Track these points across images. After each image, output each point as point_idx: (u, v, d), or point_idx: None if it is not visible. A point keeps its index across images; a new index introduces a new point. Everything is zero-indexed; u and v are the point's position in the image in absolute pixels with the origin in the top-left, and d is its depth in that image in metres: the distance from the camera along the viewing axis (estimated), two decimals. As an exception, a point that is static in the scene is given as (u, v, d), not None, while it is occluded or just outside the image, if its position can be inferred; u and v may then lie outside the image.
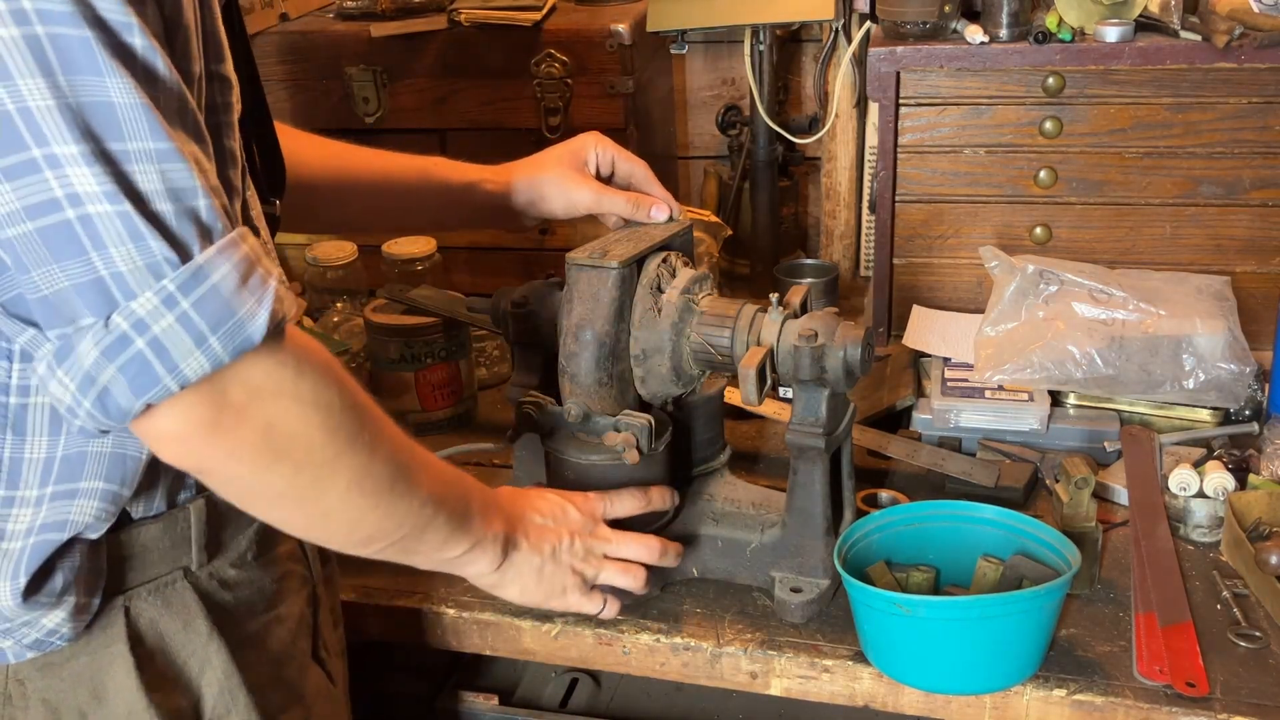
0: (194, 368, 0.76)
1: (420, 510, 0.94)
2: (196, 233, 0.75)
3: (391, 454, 0.90)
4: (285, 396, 0.81)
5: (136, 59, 0.73)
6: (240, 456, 0.81)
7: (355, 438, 0.86)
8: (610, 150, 1.31)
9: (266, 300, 0.78)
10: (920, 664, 1.10)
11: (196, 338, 0.75)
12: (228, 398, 0.78)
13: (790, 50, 2.09)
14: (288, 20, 2.01)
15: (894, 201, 1.68)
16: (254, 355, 0.78)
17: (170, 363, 0.75)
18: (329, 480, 0.86)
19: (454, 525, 0.98)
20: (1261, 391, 1.45)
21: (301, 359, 0.82)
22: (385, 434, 0.90)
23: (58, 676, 0.92)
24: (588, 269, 1.16)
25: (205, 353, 0.76)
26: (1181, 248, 1.64)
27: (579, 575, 1.12)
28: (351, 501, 0.88)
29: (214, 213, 0.76)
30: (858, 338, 1.12)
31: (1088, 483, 1.21)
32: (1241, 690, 1.08)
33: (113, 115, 0.72)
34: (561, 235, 1.99)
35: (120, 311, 0.74)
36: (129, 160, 0.73)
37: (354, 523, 0.91)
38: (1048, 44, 1.56)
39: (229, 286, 0.76)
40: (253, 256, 0.78)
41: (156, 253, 0.74)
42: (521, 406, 1.20)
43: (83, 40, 0.70)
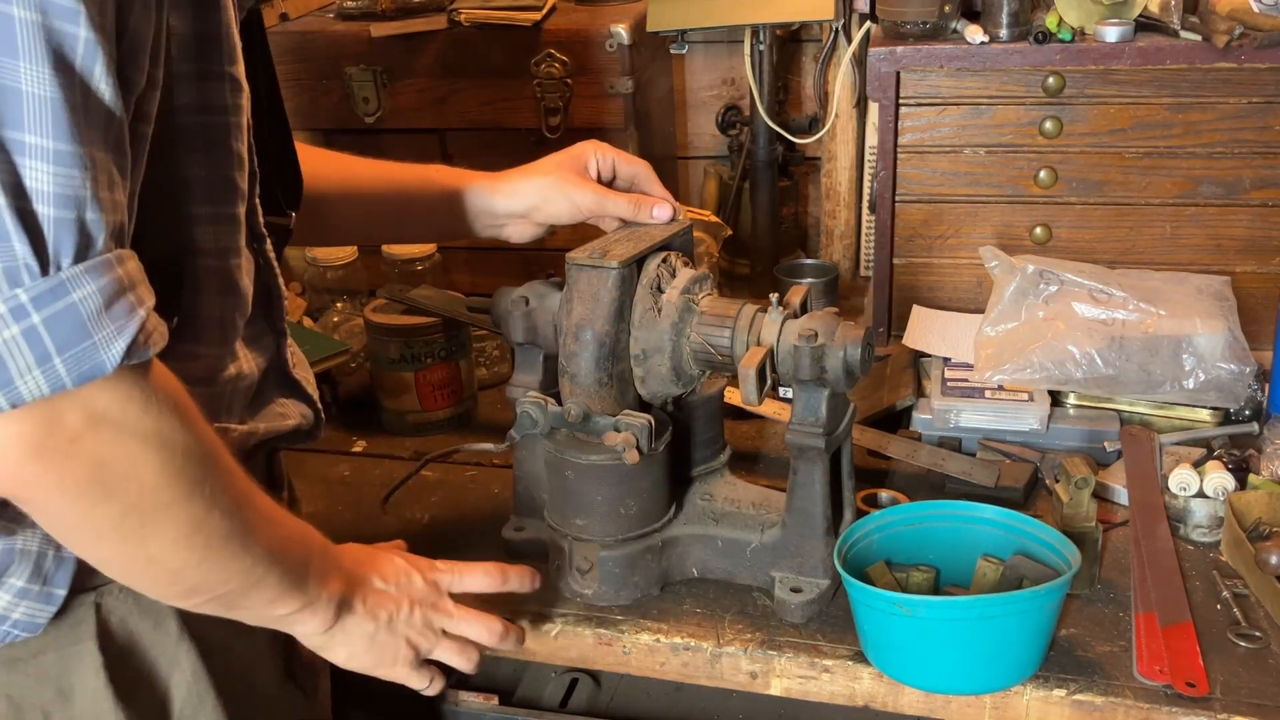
0: (30, 388, 0.71)
1: (251, 568, 0.88)
2: (73, 244, 0.70)
3: (231, 508, 0.85)
4: (127, 432, 0.76)
5: (73, 51, 0.69)
6: (65, 489, 0.76)
7: (195, 487, 0.81)
8: (610, 155, 1.31)
9: (128, 329, 0.73)
10: (920, 664, 1.10)
11: (40, 356, 0.70)
12: (62, 422, 0.73)
13: (790, 50, 2.09)
14: (288, 20, 2.01)
15: (894, 201, 1.68)
16: (102, 383, 0.73)
17: (5, 377, 0.70)
18: (157, 528, 0.81)
19: (286, 585, 0.93)
20: (1261, 391, 1.45)
21: (153, 395, 0.77)
22: (229, 487, 0.85)
23: (22, 672, 0.90)
24: (588, 269, 1.16)
25: (46, 373, 0.71)
26: (1181, 248, 1.64)
27: (412, 648, 1.05)
28: (178, 553, 0.83)
29: (100, 226, 0.71)
30: (858, 338, 1.12)
31: (1088, 483, 1.21)
32: (1241, 690, 1.08)
33: (17, 102, 0.67)
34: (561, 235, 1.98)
35: None
36: (21, 152, 0.68)
37: (176, 573, 0.85)
38: (1048, 44, 1.56)
39: (89, 308, 0.71)
40: (125, 281, 0.73)
41: (19, 256, 0.69)
42: (521, 406, 1.20)
43: (7, 18, 0.66)
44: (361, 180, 1.30)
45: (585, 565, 1.21)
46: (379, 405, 1.60)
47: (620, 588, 1.21)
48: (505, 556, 1.29)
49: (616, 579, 1.21)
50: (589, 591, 1.22)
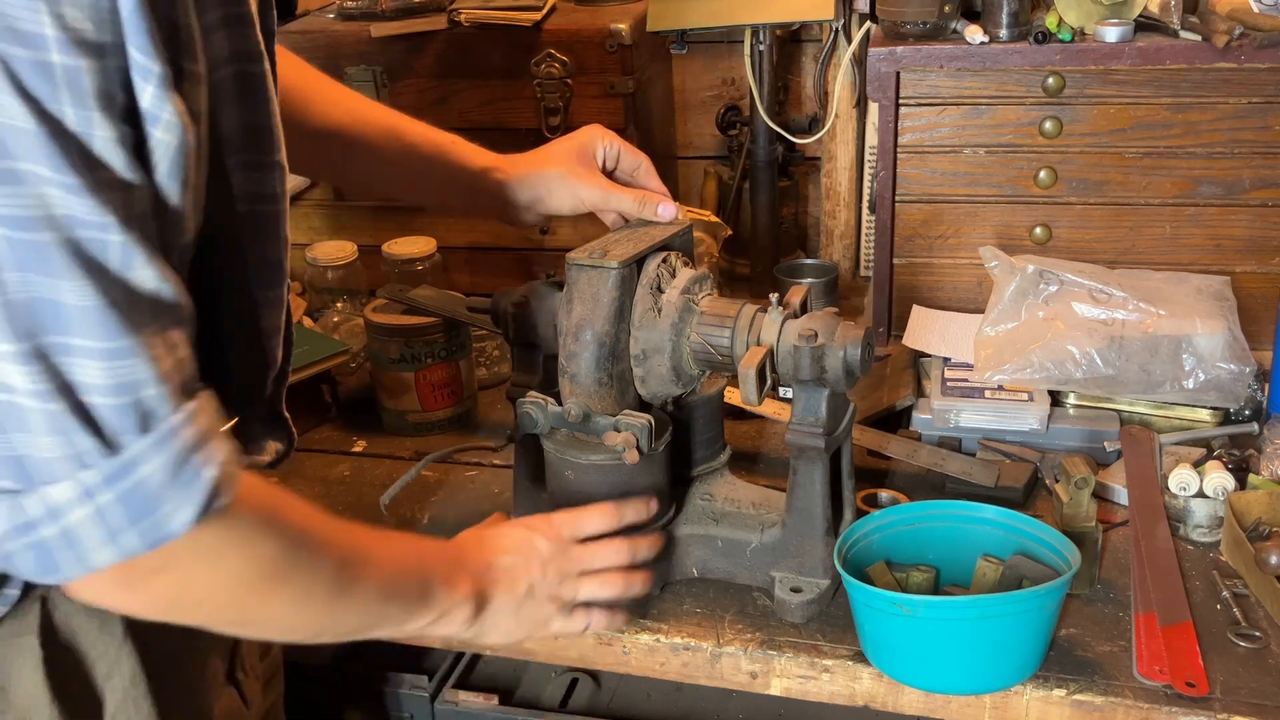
0: (103, 559, 0.74)
1: (368, 608, 0.94)
2: (135, 422, 0.73)
3: (333, 573, 0.89)
4: (201, 563, 0.80)
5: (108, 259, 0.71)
6: (153, 608, 0.83)
7: (287, 576, 0.86)
8: (616, 144, 1.31)
9: (197, 493, 0.76)
10: (920, 664, 1.10)
11: (111, 532, 0.74)
12: (138, 565, 0.77)
13: (790, 50, 2.09)
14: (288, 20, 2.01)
15: (894, 201, 1.68)
16: None
17: (80, 553, 0.74)
18: (258, 613, 0.87)
19: (411, 608, 0.98)
20: (1261, 391, 1.45)
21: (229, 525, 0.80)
22: (326, 555, 0.89)
23: None
24: (588, 269, 1.16)
25: (118, 546, 0.74)
26: (1181, 248, 1.64)
27: (557, 602, 1.09)
28: (289, 620, 0.90)
29: (164, 399, 0.74)
30: (858, 338, 1.12)
31: (1088, 483, 1.21)
32: (1241, 690, 1.08)
33: (60, 315, 0.70)
34: (562, 235, 1.99)
35: (36, 493, 0.73)
36: (70, 354, 0.71)
37: (294, 629, 0.93)
38: (1048, 44, 1.56)
39: (158, 480, 0.74)
40: (195, 441, 0.76)
41: (81, 445, 0.72)
42: (521, 406, 1.20)
43: (37, 244, 0.69)
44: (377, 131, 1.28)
45: (585, 565, 1.21)
46: (379, 405, 1.60)
47: (620, 588, 1.21)
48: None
49: (616, 579, 1.21)
50: (589, 591, 1.22)
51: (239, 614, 0.87)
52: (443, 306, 1.54)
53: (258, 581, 0.84)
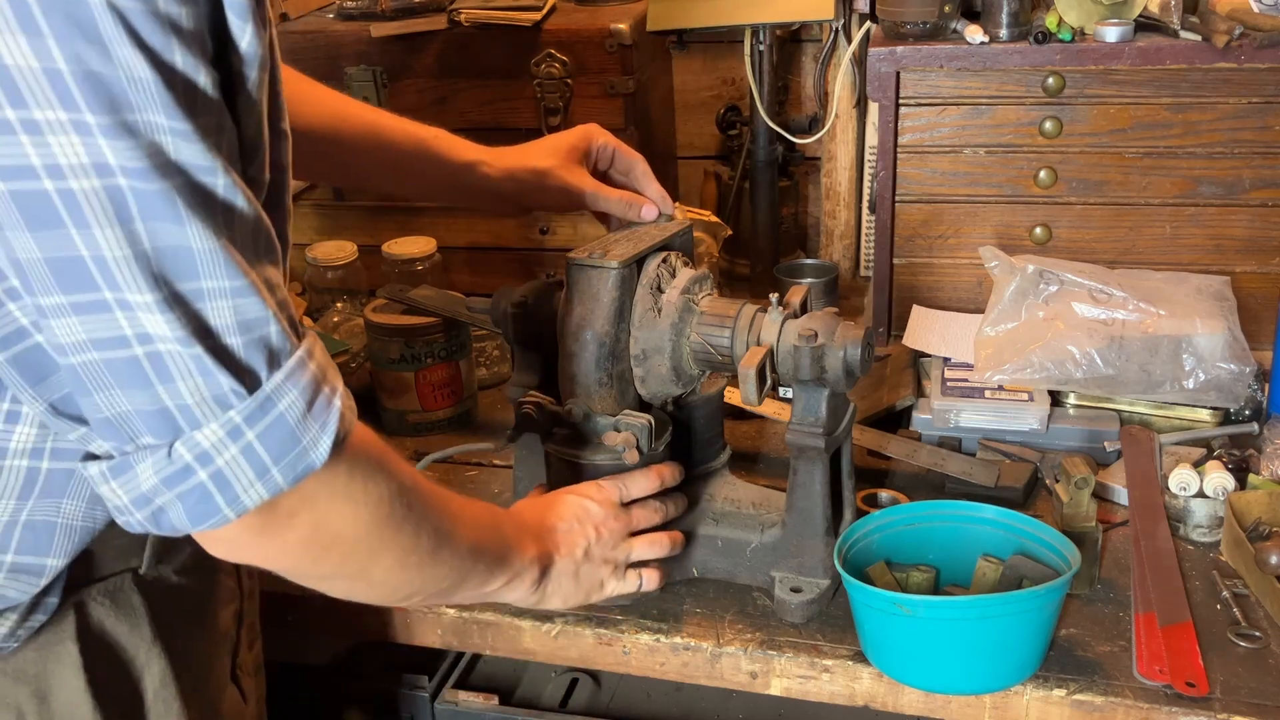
0: (253, 497, 0.77)
1: (459, 566, 0.97)
2: (265, 360, 0.75)
3: (435, 524, 0.92)
4: (337, 499, 0.82)
5: (217, 201, 0.73)
6: (286, 554, 0.84)
7: (401, 523, 0.88)
8: (610, 144, 1.32)
9: (331, 424, 0.78)
10: (920, 664, 1.10)
11: (259, 469, 0.76)
12: (279, 507, 0.79)
13: (790, 50, 2.09)
14: (288, 20, 2.01)
15: (894, 201, 1.68)
16: None
17: (231, 495, 0.76)
18: (374, 562, 0.89)
19: (493, 567, 1.01)
20: (1261, 391, 1.45)
21: (355, 461, 0.83)
22: (429, 506, 0.92)
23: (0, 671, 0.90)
24: (588, 269, 1.16)
25: (266, 483, 0.77)
26: (1181, 248, 1.64)
27: (611, 564, 1.14)
28: (395, 574, 0.91)
29: (283, 336, 0.76)
30: (858, 338, 1.12)
31: (1088, 483, 1.21)
32: (1241, 690, 1.08)
33: (190, 260, 0.72)
34: (561, 235, 1.99)
35: (184, 441, 0.74)
36: (202, 298, 0.73)
37: (396, 588, 0.94)
38: (1048, 44, 1.56)
39: (295, 414, 0.77)
40: (319, 375, 0.79)
41: (224, 386, 0.74)
42: (521, 406, 1.20)
43: (161, 191, 0.70)
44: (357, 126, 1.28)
45: (585, 565, 1.21)
46: (379, 405, 1.59)
47: (620, 588, 1.21)
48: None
49: (616, 579, 1.21)
50: (589, 591, 1.22)
51: (360, 562, 0.88)
52: (443, 306, 1.54)
53: (379, 524, 0.86)
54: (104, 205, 0.69)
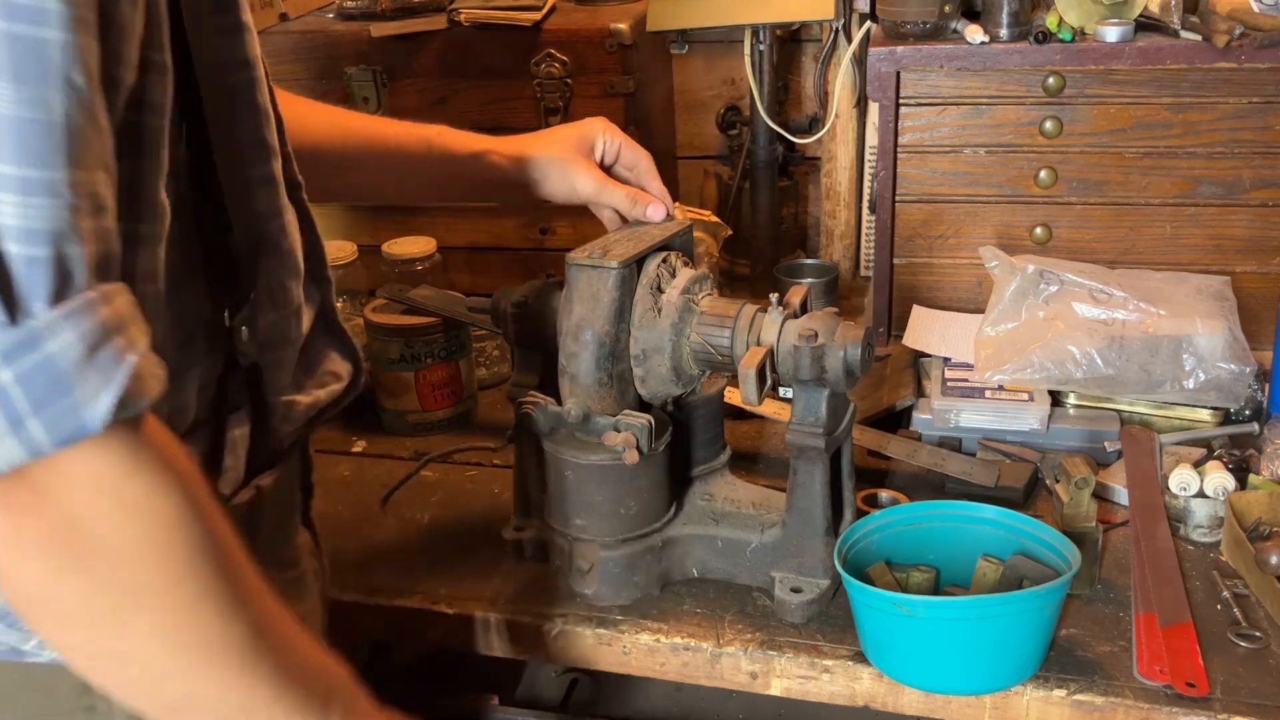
0: (3, 455, 0.61)
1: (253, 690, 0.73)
2: (47, 285, 0.60)
3: (231, 607, 0.71)
4: (106, 494, 0.64)
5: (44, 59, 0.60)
6: (25, 547, 0.64)
7: (184, 570, 0.68)
8: (618, 139, 1.30)
9: (116, 379, 0.62)
10: (920, 664, 1.10)
11: (12, 419, 0.60)
12: (30, 475, 0.62)
13: (790, 50, 2.09)
14: (288, 20, 2.01)
15: (894, 201, 1.68)
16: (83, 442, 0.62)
17: None
18: (134, 613, 0.68)
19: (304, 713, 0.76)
20: (1261, 391, 1.45)
21: (144, 455, 0.65)
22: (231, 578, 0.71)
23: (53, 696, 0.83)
24: (588, 269, 1.16)
25: (21, 439, 0.61)
26: (1181, 248, 1.64)
27: None
28: (159, 651, 0.70)
29: (80, 262, 0.62)
30: (858, 338, 1.12)
31: (1088, 483, 1.21)
32: (1241, 690, 1.08)
33: None
34: (561, 235, 1.99)
35: None
36: None
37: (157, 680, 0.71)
38: (1048, 44, 1.56)
39: (69, 358, 0.61)
40: (111, 324, 0.63)
41: None
42: (521, 406, 1.20)
43: None
44: (361, 137, 1.26)
45: (585, 565, 1.21)
46: (379, 405, 1.59)
47: (620, 588, 1.21)
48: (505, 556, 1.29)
49: (616, 579, 1.21)
50: (589, 591, 1.22)
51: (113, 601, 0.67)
52: (443, 306, 1.54)
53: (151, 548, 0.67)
54: None
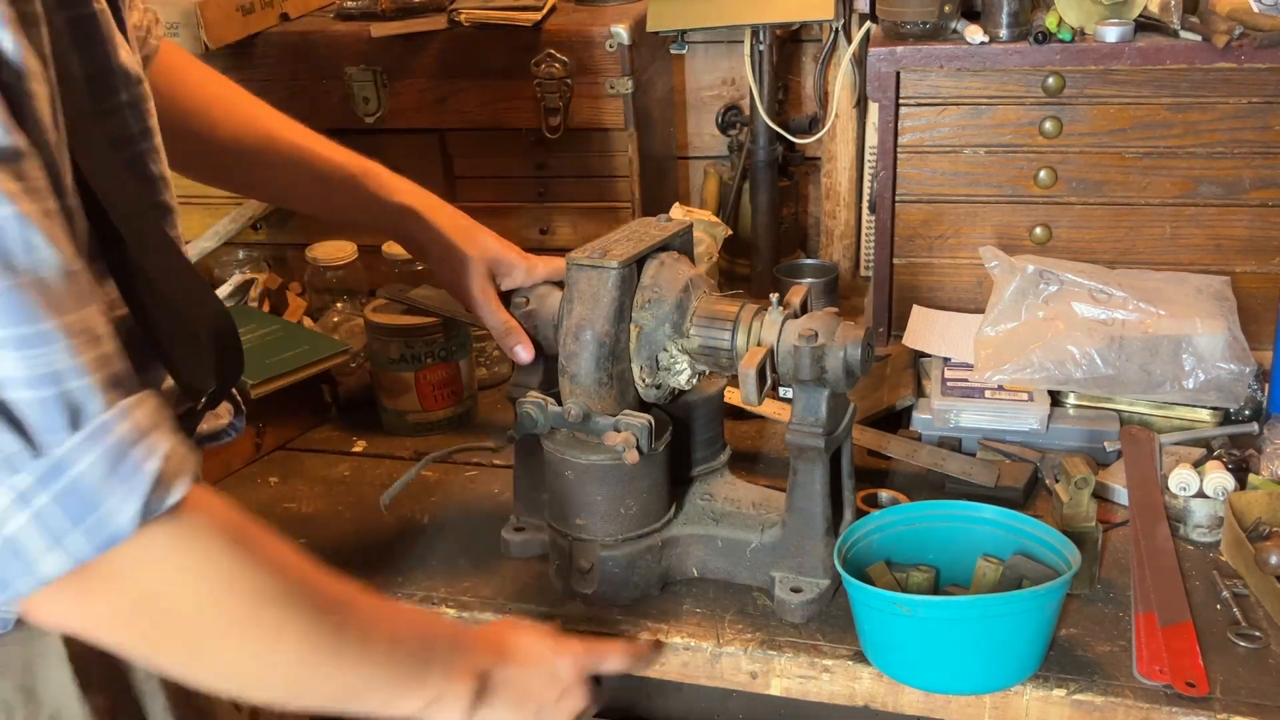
0: (53, 566, 0.70)
1: (349, 677, 0.85)
2: (63, 419, 0.69)
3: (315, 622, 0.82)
4: (157, 567, 0.75)
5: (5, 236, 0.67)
6: (113, 626, 0.77)
7: (257, 609, 0.79)
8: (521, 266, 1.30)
9: (139, 488, 0.71)
10: (920, 664, 1.10)
11: (55, 536, 0.70)
12: (92, 573, 0.72)
13: (790, 50, 2.09)
14: (288, 20, 2.01)
15: (894, 201, 1.68)
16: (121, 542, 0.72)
17: (26, 563, 0.70)
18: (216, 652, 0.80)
19: (402, 685, 0.89)
20: (1261, 391, 1.45)
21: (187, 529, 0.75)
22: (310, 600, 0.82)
23: None
24: (588, 269, 1.16)
25: (65, 551, 0.70)
26: (1181, 248, 1.64)
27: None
28: (252, 672, 0.82)
29: (90, 392, 0.70)
30: (858, 338, 1.12)
31: (1088, 483, 1.21)
32: (1241, 690, 1.08)
33: None
34: (561, 235, 1.99)
35: None
36: None
37: (261, 688, 0.85)
38: (1048, 44, 1.56)
39: (95, 476, 0.70)
40: (130, 438, 0.72)
41: (10, 446, 0.68)
42: (521, 406, 1.20)
43: None
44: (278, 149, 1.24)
45: (585, 565, 1.21)
46: (379, 405, 1.60)
47: (620, 588, 1.21)
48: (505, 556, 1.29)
49: (616, 579, 1.21)
50: (589, 591, 1.22)
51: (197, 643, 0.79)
52: (443, 306, 1.54)
53: (221, 602, 0.78)
54: None
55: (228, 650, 0.80)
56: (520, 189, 1.99)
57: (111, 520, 0.71)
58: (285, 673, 0.83)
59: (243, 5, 1.90)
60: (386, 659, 0.87)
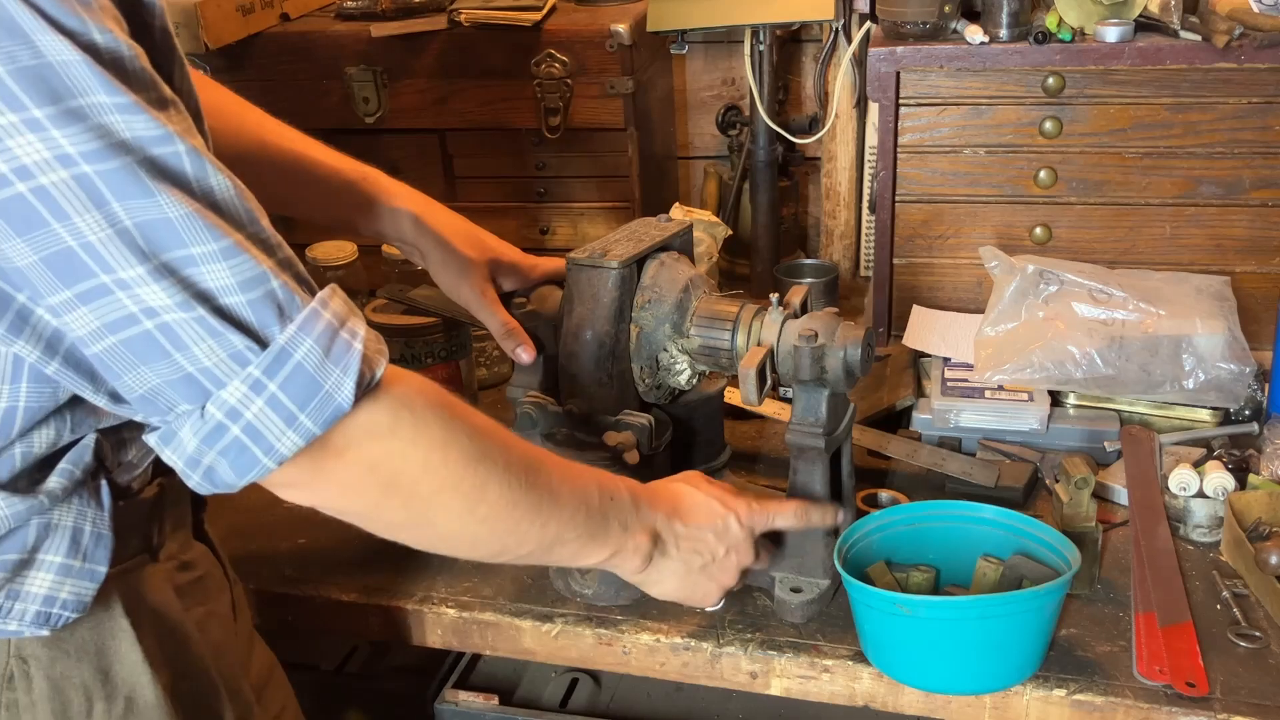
0: (288, 445, 0.79)
1: (543, 530, 0.95)
2: (275, 315, 0.77)
3: (513, 480, 0.91)
4: (384, 438, 0.84)
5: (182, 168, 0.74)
6: (349, 495, 0.86)
7: (465, 468, 0.88)
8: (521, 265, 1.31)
9: (352, 367, 0.80)
10: (920, 664, 1.10)
11: (287, 418, 0.78)
12: (327, 446, 0.81)
13: (790, 50, 2.09)
14: (288, 20, 2.01)
15: (894, 201, 1.68)
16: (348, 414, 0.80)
17: (266, 445, 0.78)
18: (438, 507, 0.89)
19: (586, 540, 0.99)
20: (1261, 391, 1.45)
21: (399, 401, 0.84)
22: (507, 459, 0.91)
23: (62, 650, 0.91)
24: (588, 269, 1.16)
25: (298, 430, 0.79)
26: (1181, 248, 1.64)
27: (722, 587, 1.11)
28: (464, 524, 0.91)
29: (289, 290, 0.78)
30: (858, 338, 1.12)
31: (1088, 483, 1.21)
32: (1241, 690, 1.08)
33: (169, 229, 0.73)
34: (561, 235, 1.99)
35: (213, 401, 0.77)
36: (192, 264, 0.74)
37: (473, 541, 0.94)
38: (1048, 44, 1.56)
39: (313, 361, 0.78)
40: (335, 322, 0.80)
41: (237, 344, 0.76)
42: (521, 406, 1.20)
43: (122, 168, 0.72)
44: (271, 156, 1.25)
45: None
46: (379, 405, 1.59)
47: (620, 588, 1.21)
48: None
49: (617, 579, 1.21)
50: (589, 591, 1.22)
51: (422, 507, 0.88)
52: (443, 306, 1.54)
53: (437, 466, 0.86)
54: (76, 193, 0.71)
55: (444, 510, 0.89)
56: (520, 189, 1.99)
57: (333, 398, 0.79)
58: (491, 528, 0.92)
59: (243, 5, 1.90)
60: (574, 515, 0.97)
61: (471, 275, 1.28)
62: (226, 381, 0.77)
